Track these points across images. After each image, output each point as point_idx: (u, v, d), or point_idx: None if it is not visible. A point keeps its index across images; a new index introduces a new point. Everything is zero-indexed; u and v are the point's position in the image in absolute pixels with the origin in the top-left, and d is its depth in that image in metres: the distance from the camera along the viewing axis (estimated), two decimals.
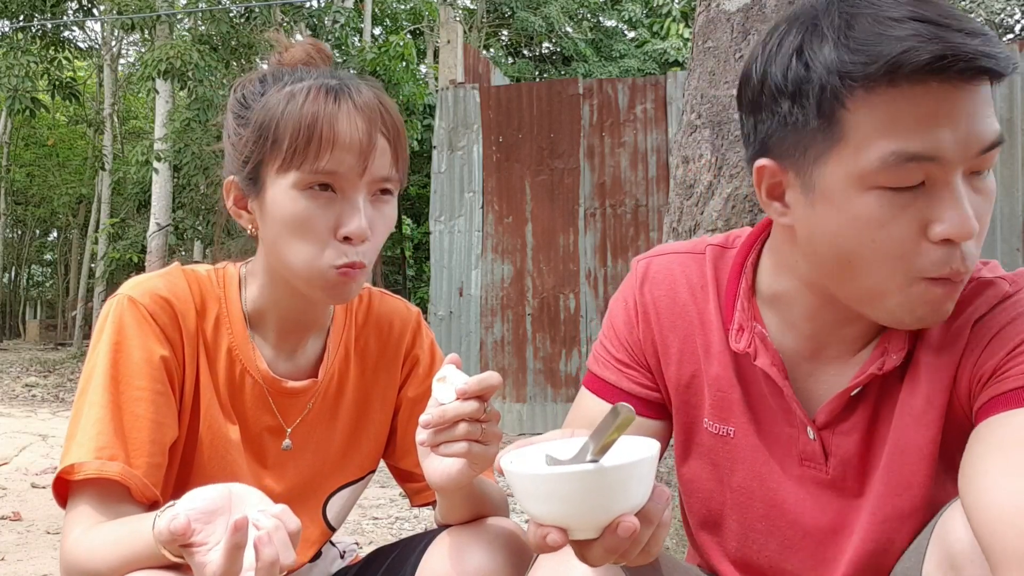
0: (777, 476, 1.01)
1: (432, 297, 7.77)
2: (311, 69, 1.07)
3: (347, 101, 1.00)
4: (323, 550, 1.26)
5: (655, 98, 7.26)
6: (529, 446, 0.83)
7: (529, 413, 7.40)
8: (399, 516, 4.02)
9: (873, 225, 0.83)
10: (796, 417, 0.99)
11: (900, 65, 0.78)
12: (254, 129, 1.02)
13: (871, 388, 0.96)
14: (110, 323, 1.02)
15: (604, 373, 1.10)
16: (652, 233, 7.23)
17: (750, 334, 0.99)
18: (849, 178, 0.83)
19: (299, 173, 0.99)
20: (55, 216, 21.43)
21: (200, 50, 9.90)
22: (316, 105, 0.99)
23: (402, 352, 1.21)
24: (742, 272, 1.03)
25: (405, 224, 17.34)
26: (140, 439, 0.99)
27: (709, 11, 2.34)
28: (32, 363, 13.27)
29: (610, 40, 19.94)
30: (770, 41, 0.88)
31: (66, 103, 15.11)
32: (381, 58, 10.82)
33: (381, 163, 1.01)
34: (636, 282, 1.09)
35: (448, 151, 7.74)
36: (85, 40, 16.85)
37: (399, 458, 1.22)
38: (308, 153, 0.98)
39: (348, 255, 1.01)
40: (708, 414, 1.05)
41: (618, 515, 0.72)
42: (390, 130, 1.02)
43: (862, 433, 0.97)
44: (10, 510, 3.82)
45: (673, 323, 1.06)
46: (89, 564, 0.92)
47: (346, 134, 0.98)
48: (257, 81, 1.06)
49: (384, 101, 1.04)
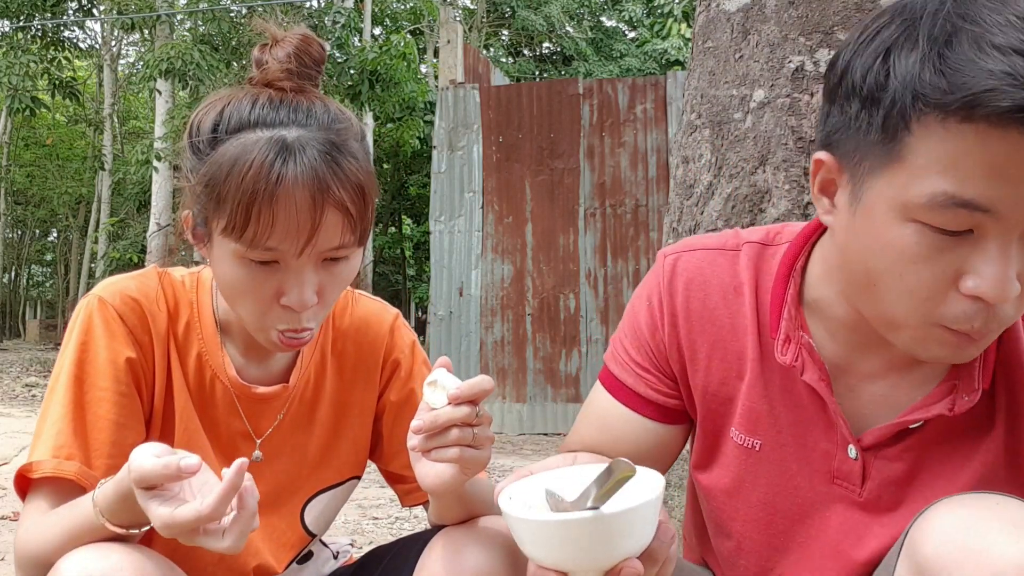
0: (803, 492, 0.97)
1: (432, 297, 7.76)
2: (276, 101, 0.97)
3: (292, 173, 0.91)
4: (315, 551, 1.25)
5: (655, 98, 7.26)
6: (528, 477, 0.81)
7: (529, 413, 7.40)
8: (399, 516, 4.02)
9: (905, 259, 0.78)
10: (838, 434, 0.93)
11: (978, 104, 0.70)
12: (201, 183, 0.95)
13: (931, 420, 0.90)
14: (79, 323, 1.02)
15: (622, 375, 1.05)
16: (652, 233, 7.23)
17: (796, 345, 0.92)
18: (894, 203, 0.77)
19: (239, 245, 0.94)
20: (55, 216, 21.44)
21: (201, 50, 9.91)
22: (258, 180, 0.91)
23: (380, 356, 1.19)
24: (790, 276, 0.95)
25: (405, 224, 17.34)
26: (100, 440, 0.99)
27: (709, 11, 2.34)
28: (32, 363, 13.27)
29: (610, 40, 19.94)
30: (867, 30, 0.80)
31: (66, 103, 15.14)
32: (382, 57, 10.80)
33: (331, 235, 0.94)
34: (663, 280, 1.01)
35: (448, 151, 7.74)
36: (85, 40, 16.86)
37: (387, 461, 1.21)
38: (247, 232, 0.92)
39: (291, 322, 0.98)
40: (737, 424, 0.99)
41: (621, 559, 0.70)
42: (346, 195, 0.94)
43: (909, 464, 0.92)
44: (10, 510, 3.82)
45: (702, 327, 0.99)
46: (37, 549, 0.94)
47: (288, 216, 0.91)
48: (211, 122, 0.97)
49: (340, 163, 0.94)
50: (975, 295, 0.76)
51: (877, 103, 0.77)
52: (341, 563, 1.28)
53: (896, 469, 0.93)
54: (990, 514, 0.78)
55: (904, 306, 0.80)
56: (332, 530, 1.05)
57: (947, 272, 0.77)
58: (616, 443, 1.03)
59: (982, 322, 0.78)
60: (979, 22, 0.73)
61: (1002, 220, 0.74)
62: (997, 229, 0.75)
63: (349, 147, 0.97)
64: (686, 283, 1.00)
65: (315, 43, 1.02)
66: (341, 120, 0.99)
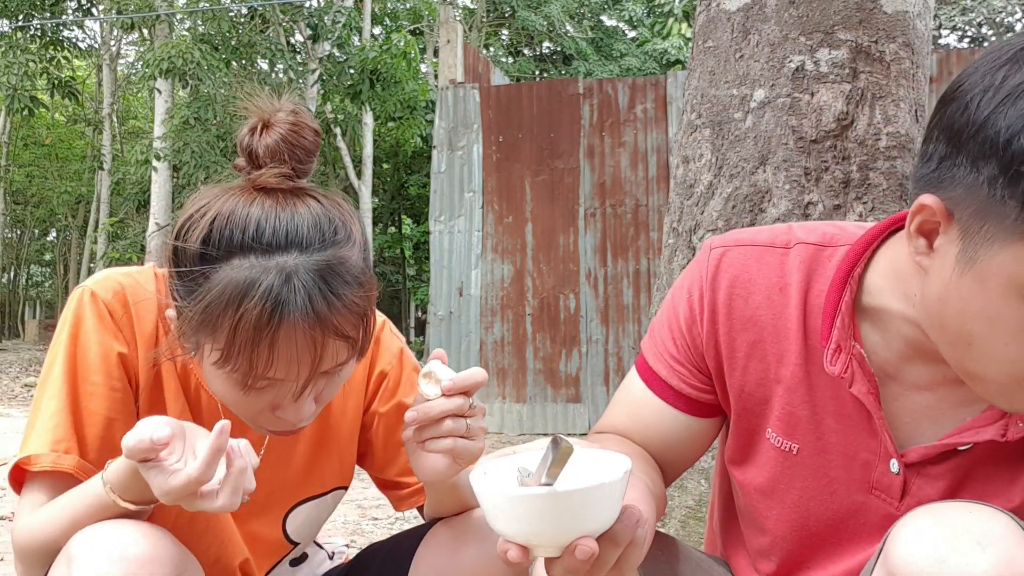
0: (840, 499, 0.95)
1: (432, 297, 7.76)
2: (270, 211, 0.91)
3: (292, 316, 0.87)
4: (309, 553, 1.25)
5: (655, 98, 7.26)
6: (508, 456, 0.82)
7: (529, 413, 7.40)
8: (399, 516, 4.01)
9: (1011, 331, 0.76)
10: (881, 446, 0.92)
11: None
12: (195, 314, 0.90)
13: (980, 443, 0.89)
14: (71, 316, 1.02)
15: (656, 365, 1.03)
16: (652, 233, 7.23)
17: (847, 356, 0.90)
18: (1014, 279, 0.74)
19: (236, 375, 0.91)
20: (54, 216, 21.43)
21: (201, 49, 9.91)
22: (259, 325, 0.86)
23: (365, 369, 1.17)
24: (847, 282, 0.91)
25: (405, 224, 17.34)
26: (93, 434, 0.99)
27: (709, 11, 2.33)
28: (31, 363, 13.27)
29: (611, 39, 19.94)
30: (1017, 73, 0.73)
31: (65, 103, 15.13)
32: (383, 56, 10.80)
33: (332, 359, 0.92)
34: (707, 274, 0.98)
35: (448, 151, 7.74)
36: (84, 39, 16.85)
37: (380, 469, 1.21)
38: (246, 372, 0.89)
39: (285, 427, 0.97)
40: (773, 425, 0.98)
41: (576, 537, 0.71)
42: (345, 327, 0.90)
43: (952, 484, 0.91)
44: (9, 511, 3.81)
45: (743, 327, 0.97)
46: (44, 537, 0.93)
47: (288, 355, 0.88)
48: (201, 235, 0.90)
49: (339, 293, 0.89)
50: None
51: (1021, 178, 0.71)
52: (337, 563, 1.28)
53: (938, 488, 0.92)
54: (962, 525, 0.77)
55: (998, 370, 0.79)
56: (332, 531, 1.04)
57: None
58: (646, 431, 1.03)
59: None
60: None
61: None
62: None
63: (348, 266, 0.91)
64: (731, 281, 0.97)
65: (307, 129, 0.94)
66: (339, 229, 0.93)
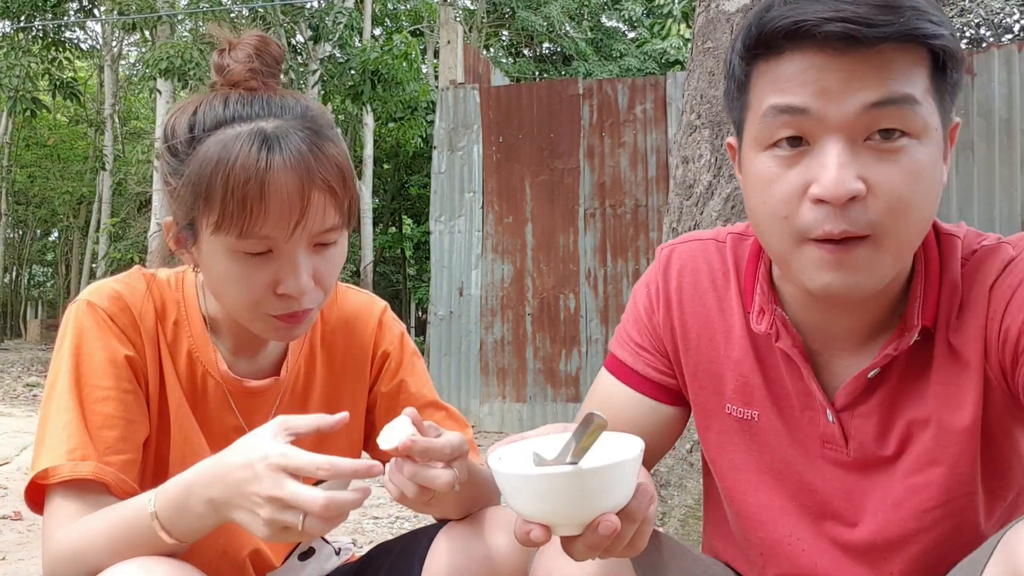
0: (803, 458, 1.02)
1: (432, 297, 7.77)
2: (247, 98, 1.00)
3: (280, 158, 0.94)
4: (316, 547, 1.25)
5: (655, 98, 7.27)
6: (520, 441, 0.84)
7: (529, 413, 7.40)
8: (399, 515, 4.02)
9: (763, 184, 0.89)
10: (816, 400, 0.99)
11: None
12: (187, 186, 0.97)
13: (892, 370, 0.96)
14: (70, 328, 1.03)
15: (622, 354, 1.12)
16: (652, 233, 7.23)
17: (771, 316, 0.99)
18: (751, 142, 0.91)
19: (232, 238, 0.95)
20: (56, 216, 21.42)
21: (202, 49, 9.91)
22: (247, 170, 0.93)
23: (370, 348, 1.20)
24: (760, 258, 1.04)
25: (405, 224, 17.34)
26: (111, 437, 1.00)
27: (709, 11, 2.34)
28: (33, 363, 13.27)
29: (610, 40, 19.93)
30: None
31: (67, 103, 15.13)
32: (384, 57, 10.79)
33: (320, 217, 0.97)
34: (659, 268, 1.11)
35: (448, 151, 7.74)
36: (86, 40, 16.86)
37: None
38: (241, 221, 0.94)
39: (290, 307, 0.99)
40: (731, 399, 1.05)
41: (599, 514, 0.73)
42: (329, 179, 0.97)
43: (881, 416, 0.97)
44: (11, 510, 3.83)
45: (694, 309, 1.07)
46: (81, 553, 0.92)
47: (278, 199, 0.93)
48: (187, 124, 0.98)
49: (320, 146, 0.97)
50: (817, 198, 0.84)
51: (731, 70, 0.93)
52: (343, 560, 1.29)
53: (871, 424, 0.97)
54: None
55: (776, 231, 0.89)
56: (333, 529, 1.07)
57: (796, 186, 0.86)
58: (615, 420, 1.06)
59: (832, 223, 0.84)
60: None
61: (816, 119, 0.85)
62: (817, 130, 0.86)
63: (326, 133, 1.00)
64: (679, 269, 1.09)
65: (272, 43, 1.04)
66: (313, 109, 1.02)
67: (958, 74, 0.87)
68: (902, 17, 0.81)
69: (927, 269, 0.94)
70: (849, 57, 0.83)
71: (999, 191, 6.15)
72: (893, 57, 0.83)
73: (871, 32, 0.81)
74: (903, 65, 0.83)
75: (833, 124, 0.84)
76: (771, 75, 0.87)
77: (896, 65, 0.83)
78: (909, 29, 0.82)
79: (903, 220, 0.85)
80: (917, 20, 0.82)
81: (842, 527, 1.00)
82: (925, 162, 0.85)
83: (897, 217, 0.84)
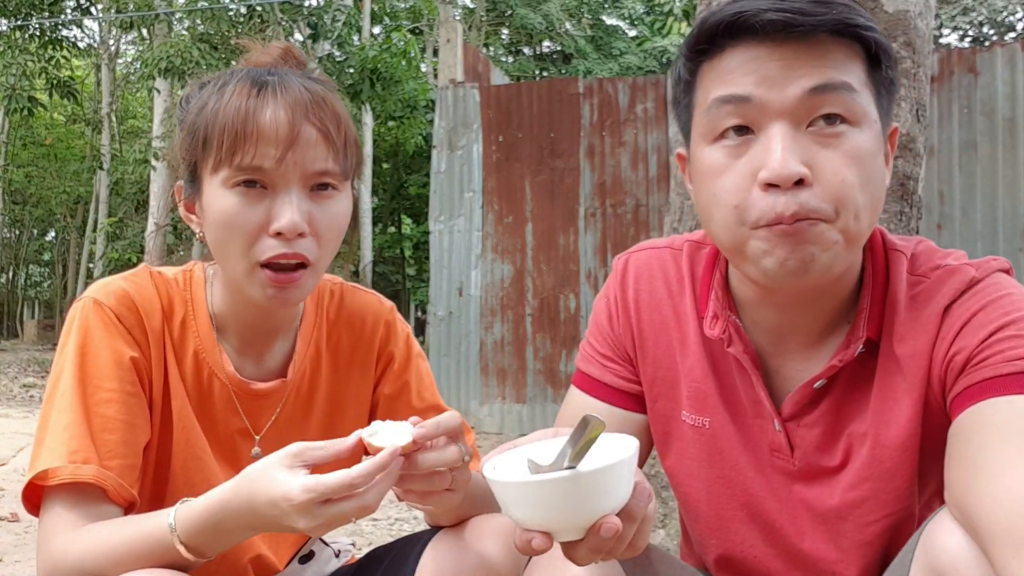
0: (754, 466, 1.03)
1: (432, 297, 7.75)
2: (254, 69, 1.06)
3: (271, 94, 0.99)
4: (316, 550, 1.25)
5: (656, 97, 7.25)
6: (512, 450, 0.83)
7: (529, 413, 7.39)
8: (398, 517, 4.00)
9: (712, 175, 0.91)
10: (764, 408, 1.01)
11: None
12: (188, 131, 1.02)
13: (837, 381, 0.97)
14: (76, 327, 1.01)
15: (589, 368, 1.13)
16: (652, 233, 7.22)
17: (724, 322, 1.01)
18: (698, 139, 0.93)
19: (227, 170, 0.98)
20: (53, 216, 21.41)
21: (200, 48, 9.89)
22: (240, 100, 0.98)
23: (375, 349, 1.20)
24: (716, 264, 1.06)
25: (405, 224, 17.33)
26: (112, 440, 0.98)
27: (710, 9, 2.32)
28: (30, 363, 13.24)
29: (610, 38, 19.94)
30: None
31: (64, 102, 15.11)
32: (383, 56, 10.77)
33: (313, 155, 0.99)
34: (617, 278, 1.13)
35: (448, 151, 7.72)
36: (83, 39, 16.82)
37: None
38: (233, 149, 0.97)
39: (280, 247, 0.98)
40: (686, 406, 1.06)
41: (600, 516, 0.73)
42: (324, 120, 1.00)
43: (825, 427, 0.98)
44: (8, 511, 3.80)
45: (651, 317, 1.09)
46: (88, 563, 0.91)
47: (268, 126, 0.97)
48: (198, 86, 1.06)
49: (317, 92, 1.01)
50: (766, 182, 0.86)
51: (676, 77, 0.97)
52: (343, 562, 1.28)
53: (815, 435, 0.98)
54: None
55: (723, 221, 0.90)
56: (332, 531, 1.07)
57: (746, 174, 0.88)
58: None
59: (782, 205, 0.85)
60: None
61: (758, 108, 0.88)
62: (760, 118, 0.89)
63: (327, 86, 1.05)
64: (635, 277, 1.11)
65: (295, 50, 1.10)
66: (321, 74, 1.08)
67: (893, 72, 0.91)
68: (835, 10, 0.87)
69: (874, 281, 0.96)
70: (788, 47, 0.87)
71: (1002, 190, 6.14)
72: (830, 48, 0.88)
73: (807, 20, 0.86)
74: (840, 56, 0.88)
75: (776, 110, 0.87)
76: (715, 71, 0.91)
77: (833, 55, 0.87)
78: (843, 18, 0.87)
79: (850, 204, 0.87)
80: (849, 14, 0.87)
81: (791, 537, 1.01)
82: (866, 149, 0.88)
83: (843, 201, 0.87)
